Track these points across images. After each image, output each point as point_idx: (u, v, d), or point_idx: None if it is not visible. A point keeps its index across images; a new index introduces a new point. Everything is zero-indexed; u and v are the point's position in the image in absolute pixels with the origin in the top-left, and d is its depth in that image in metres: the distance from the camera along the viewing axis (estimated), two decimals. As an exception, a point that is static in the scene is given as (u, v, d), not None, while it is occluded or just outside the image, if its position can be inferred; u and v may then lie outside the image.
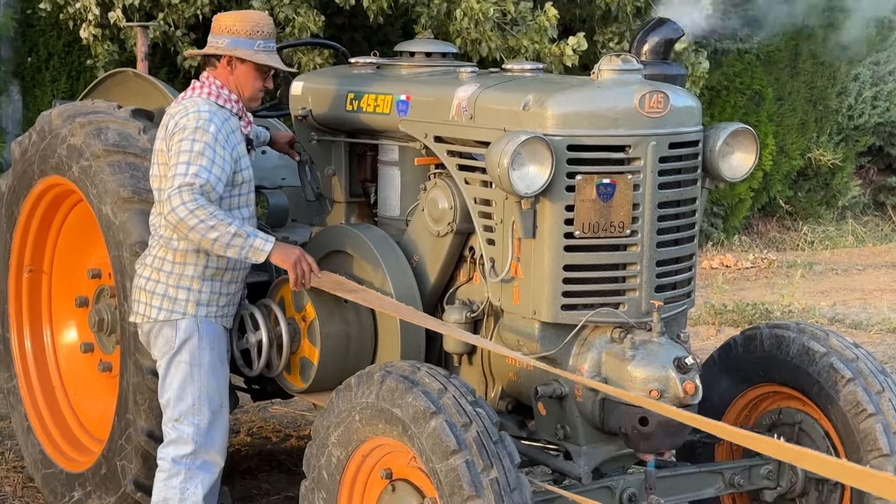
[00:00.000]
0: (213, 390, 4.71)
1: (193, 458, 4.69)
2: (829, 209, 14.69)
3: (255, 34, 4.69)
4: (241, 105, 4.76)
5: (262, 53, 4.69)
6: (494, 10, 8.83)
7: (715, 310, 9.89)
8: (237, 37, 4.69)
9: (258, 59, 4.68)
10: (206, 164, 4.47)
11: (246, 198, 4.75)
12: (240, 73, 4.72)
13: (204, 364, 4.68)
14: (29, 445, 5.86)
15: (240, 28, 4.69)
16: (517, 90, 4.44)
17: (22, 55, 10.50)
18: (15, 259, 5.87)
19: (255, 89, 4.75)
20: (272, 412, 7.31)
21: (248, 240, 4.45)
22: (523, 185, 4.16)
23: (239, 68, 4.71)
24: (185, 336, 4.66)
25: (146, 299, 4.70)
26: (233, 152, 4.62)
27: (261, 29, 4.71)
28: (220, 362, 4.75)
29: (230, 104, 4.71)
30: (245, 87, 4.73)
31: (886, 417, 4.44)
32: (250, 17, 4.75)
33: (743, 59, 13.37)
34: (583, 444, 4.37)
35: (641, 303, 4.32)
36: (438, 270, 4.76)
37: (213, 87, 4.70)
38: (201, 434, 4.68)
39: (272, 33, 4.76)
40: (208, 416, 4.69)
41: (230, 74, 4.72)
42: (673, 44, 4.77)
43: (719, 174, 4.54)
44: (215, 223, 4.40)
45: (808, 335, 4.65)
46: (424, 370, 4.11)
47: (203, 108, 4.59)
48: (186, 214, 4.38)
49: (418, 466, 4.03)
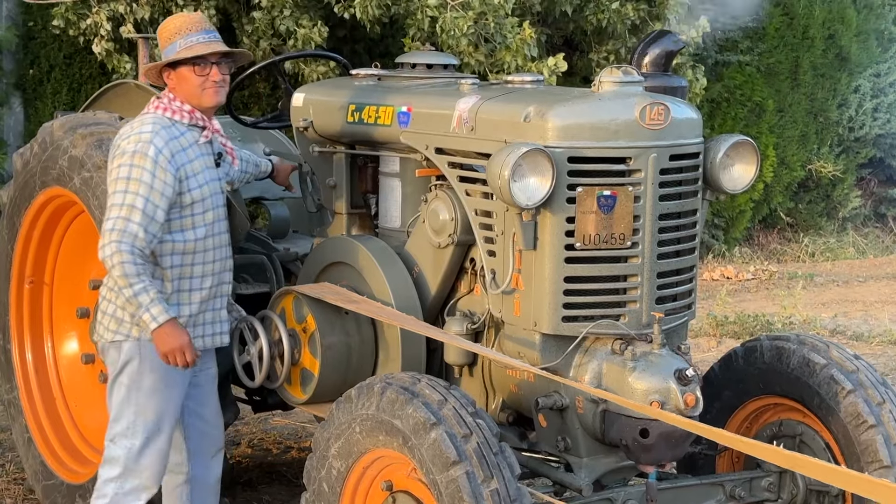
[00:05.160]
0: (152, 414, 4.55)
1: (121, 481, 4.57)
2: (830, 221, 14.68)
3: (174, 36, 4.51)
4: (198, 115, 4.58)
5: (183, 50, 4.49)
6: (473, 25, 8.82)
7: (716, 321, 9.89)
8: (165, 47, 4.54)
9: (181, 55, 4.49)
10: (139, 200, 4.37)
11: (201, 217, 4.56)
12: (178, 81, 4.54)
13: (143, 388, 4.54)
14: (30, 457, 5.86)
15: (165, 37, 4.54)
16: (518, 102, 4.44)
17: (23, 67, 10.52)
18: (16, 270, 5.87)
19: (198, 87, 4.52)
20: (273, 424, 7.31)
21: (140, 309, 4.36)
22: (524, 197, 4.16)
23: (174, 76, 4.54)
24: (127, 358, 4.55)
25: (100, 318, 4.64)
26: (178, 172, 4.45)
27: (179, 29, 4.52)
28: (165, 386, 4.57)
29: (183, 116, 4.54)
30: (190, 91, 4.53)
31: (887, 429, 4.44)
32: (170, 22, 4.59)
33: (743, 70, 13.38)
34: (584, 455, 4.37)
35: (642, 314, 4.32)
36: (439, 282, 4.76)
37: (165, 100, 4.56)
38: (132, 458, 4.56)
39: (195, 28, 4.53)
40: (141, 440, 4.55)
41: (175, 86, 4.56)
42: (674, 56, 4.78)
43: (720, 186, 4.55)
44: (126, 282, 4.33)
45: (808, 347, 4.65)
46: (425, 381, 4.11)
47: (145, 130, 4.46)
48: (110, 256, 4.35)
49: (419, 478, 4.03)
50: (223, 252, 4.71)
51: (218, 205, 4.64)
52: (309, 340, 4.87)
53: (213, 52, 4.52)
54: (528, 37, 9.08)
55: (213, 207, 4.61)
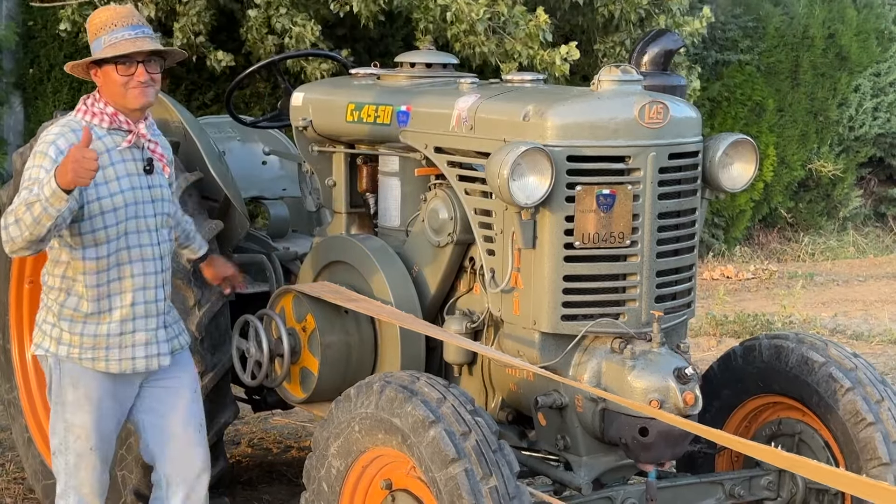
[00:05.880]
0: (80, 431, 4.24)
1: (65, 498, 4.32)
2: (830, 220, 14.68)
3: (99, 31, 4.11)
4: (121, 118, 4.16)
5: (108, 47, 4.09)
6: (485, 12, 8.82)
7: (716, 320, 9.89)
8: (91, 43, 4.15)
9: (105, 53, 4.08)
10: None
11: (115, 228, 4.12)
12: (104, 79, 4.15)
13: (66, 403, 4.24)
14: (29, 456, 5.86)
15: (91, 31, 4.14)
16: (517, 101, 4.45)
17: (23, 66, 10.52)
18: (16, 270, 5.87)
19: (122, 87, 4.10)
20: (272, 423, 7.31)
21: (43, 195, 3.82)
22: (523, 196, 4.17)
23: (100, 74, 4.15)
24: (49, 373, 4.29)
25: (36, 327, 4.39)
26: None
27: (105, 24, 4.11)
28: (89, 401, 4.22)
29: (103, 120, 4.15)
30: (114, 91, 4.13)
31: (886, 427, 4.44)
32: (96, 16, 4.16)
33: (743, 70, 13.38)
34: (583, 454, 4.37)
35: (641, 313, 4.32)
36: (439, 281, 4.77)
37: (90, 101, 4.18)
38: (69, 473, 4.30)
39: (122, 22, 4.11)
40: (74, 456, 4.27)
41: (102, 85, 4.17)
42: (672, 54, 4.78)
43: (719, 185, 4.55)
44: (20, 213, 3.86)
45: (807, 345, 4.65)
46: (423, 380, 4.11)
47: (52, 131, 4.09)
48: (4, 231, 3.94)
49: (418, 476, 4.03)
50: (153, 266, 4.23)
51: (142, 215, 4.19)
52: (308, 339, 4.87)
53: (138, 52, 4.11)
54: (543, 23, 9.07)
55: (135, 217, 4.16)
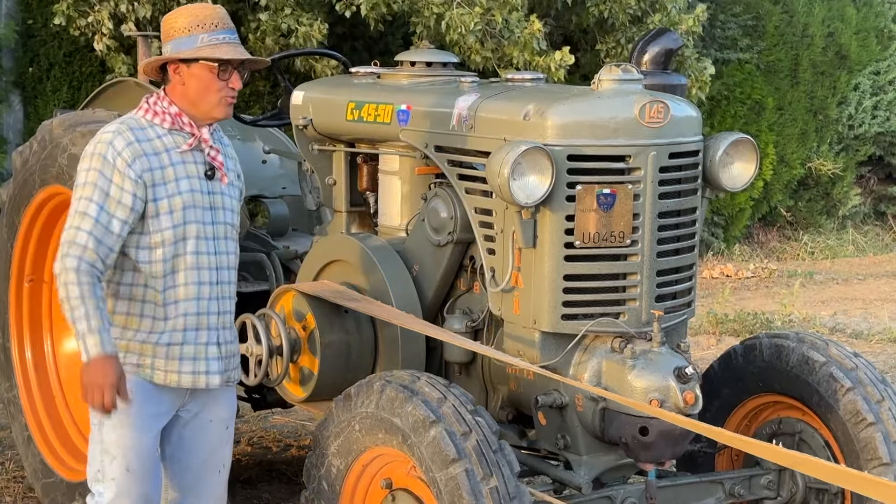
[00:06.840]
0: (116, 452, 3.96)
1: None
2: (830, 219, 14.70)
3: (195, 28, 3.90)
4: (184, 119, 3.95)
5: (207, 47, 3.89)
6: (479, 20, 8.83)
7: (716, 319, 9.89)
8: (179, 37, 3.91)
9: (203, 53, 3.88)
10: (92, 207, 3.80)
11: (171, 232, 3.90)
12: (188, 79, 3.93)
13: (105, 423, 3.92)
14: (29, 455, 5.86)
15: (181, 26, 3.91)
16: (517, 100, 4.44)
17: (23, 65, 10.52)
18: (16, 268, 5.87)
19: (215, 93, 3.93)
20: (272, 422, 7.31)
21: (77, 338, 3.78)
22: (523, 195, 4.17)
23: (186, 73, 3.93)
24: None
25: None
26: (140, 178, 3.84)
27: (203, 21, 3.91)
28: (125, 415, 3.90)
29: (164, 120, 3.94)
30: (200, 94, 3.93)
31: (886, 427, 4.44)
32: (190, 10, 3.94)
33: (743, 68, 13.38)
34: (583, 453, 4.37)
35: (642, 312, 4.32)
36: (439, 280, 4.76)
37: (153, 99, 3.98)
38: None
39: (221, 24, 3.93)
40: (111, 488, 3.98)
41: (181, 84, 3.94)
42: (673, 54, 4.78)
43: (719, 184, 4.55)
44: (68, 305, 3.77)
45: (807, 345, 4.65)
46: (424, 379, 4.11)
47: (108, 129, 3.89)
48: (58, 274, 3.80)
49: (418, 476, 4.03)
50: (207, 275, 3.99)
51: (201, 220, 3.96)
52: (308, 338, 4.86)
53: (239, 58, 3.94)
54: (537, 31, 9.09)
55: (193, 222, 3.94)
